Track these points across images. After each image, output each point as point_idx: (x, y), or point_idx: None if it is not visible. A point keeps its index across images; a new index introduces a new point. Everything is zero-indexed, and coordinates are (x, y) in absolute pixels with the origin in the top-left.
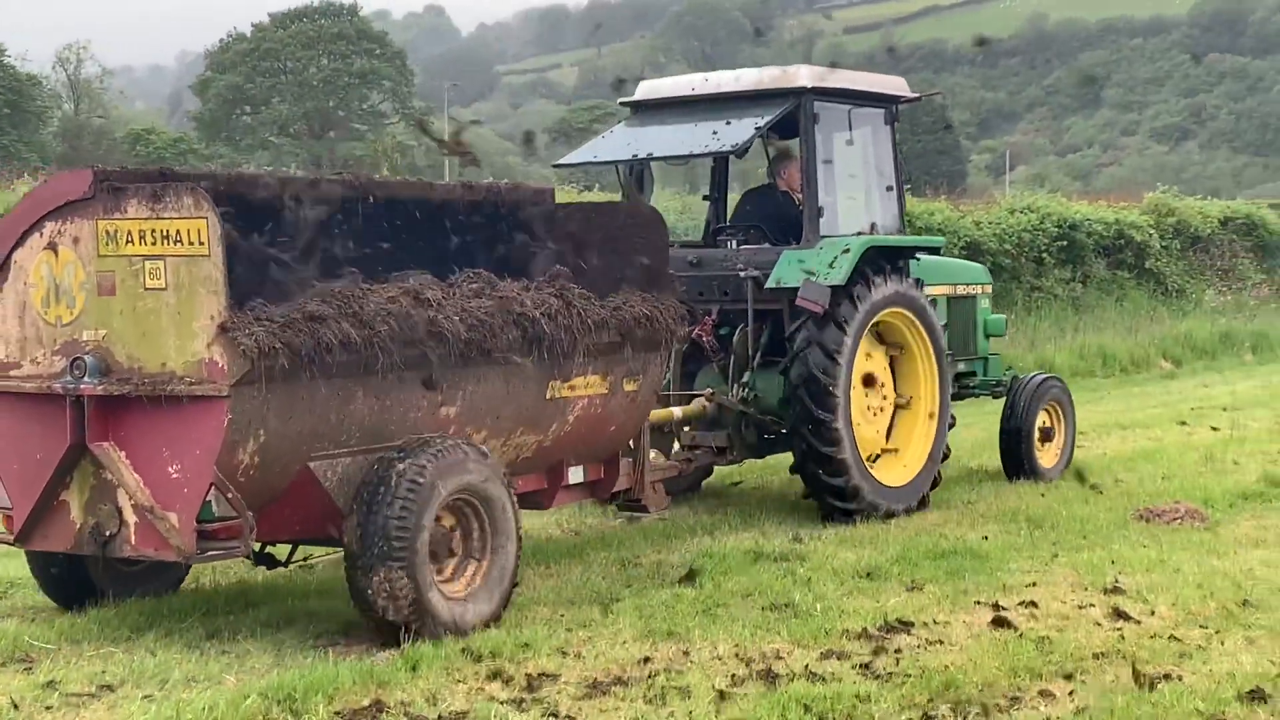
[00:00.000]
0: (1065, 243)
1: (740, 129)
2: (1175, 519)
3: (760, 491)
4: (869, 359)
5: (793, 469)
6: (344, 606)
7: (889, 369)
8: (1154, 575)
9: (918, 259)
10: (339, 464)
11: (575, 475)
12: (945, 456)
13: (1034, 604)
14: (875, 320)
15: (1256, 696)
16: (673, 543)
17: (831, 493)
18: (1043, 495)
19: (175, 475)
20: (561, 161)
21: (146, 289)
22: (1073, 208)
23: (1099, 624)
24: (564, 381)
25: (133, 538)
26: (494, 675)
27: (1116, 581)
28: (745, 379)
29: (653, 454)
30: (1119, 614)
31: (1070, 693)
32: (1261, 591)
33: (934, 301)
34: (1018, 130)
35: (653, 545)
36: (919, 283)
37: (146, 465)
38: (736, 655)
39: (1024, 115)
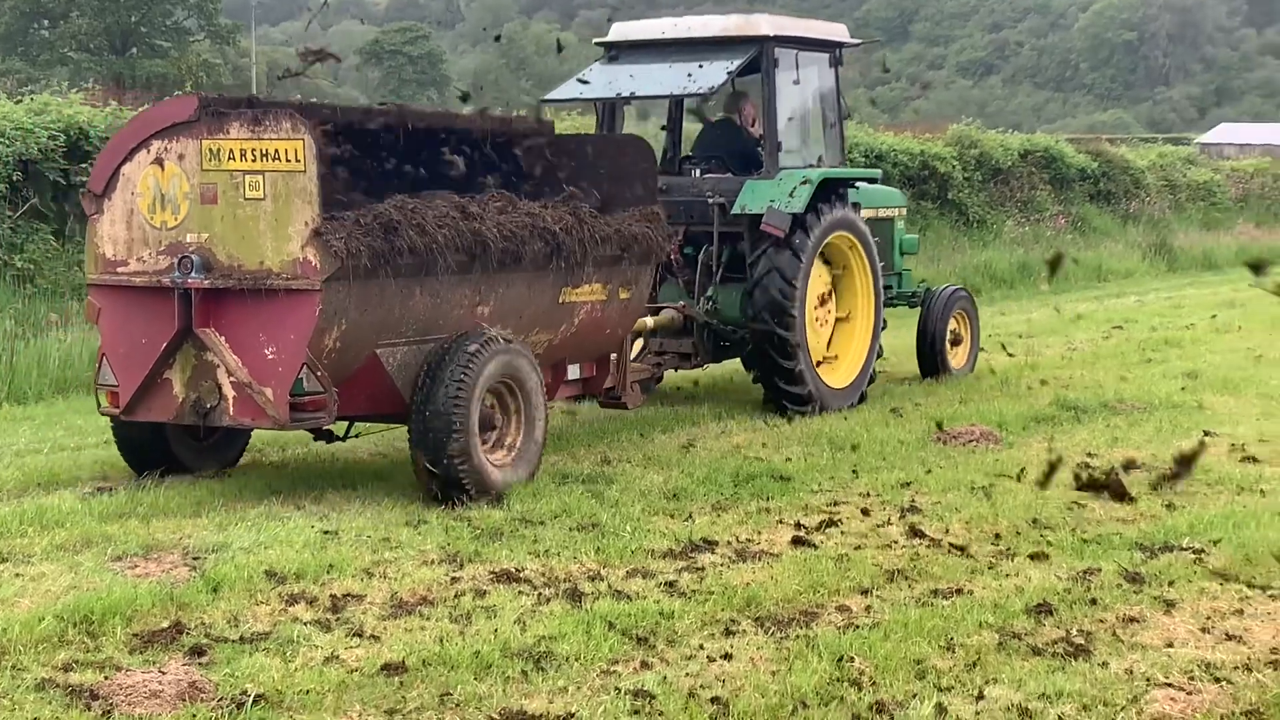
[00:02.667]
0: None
1: (713, 72)
2: (971, 441)
3: (569, 416)
4: (818, 279)
5: (755, 378)
6: (142, 528)
7: (832, 285)
8: (949, 495)
9: (856, 187)
10: (399, 351)
11: (573, 372)
12: (880, 355)
13: (834, 523)
14: (824, 243)
15: (1043, 610)
16: None
17: (789, 398)
18: (845, 418)
19: (271, 356)
20: (549, 97)
21: (246, 199)
22: (879, 138)
23: (895, 542)
24: (574, 288)
25: (231, 409)
26: (297, 597)
27: (913, 501)
28: (710, 294)
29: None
30: (915, 532)
31: (866, 607)
32: (1050, 510)
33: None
34: None
35: None
36: (857, 207)
37: (245, 348)
38: (543, 575)
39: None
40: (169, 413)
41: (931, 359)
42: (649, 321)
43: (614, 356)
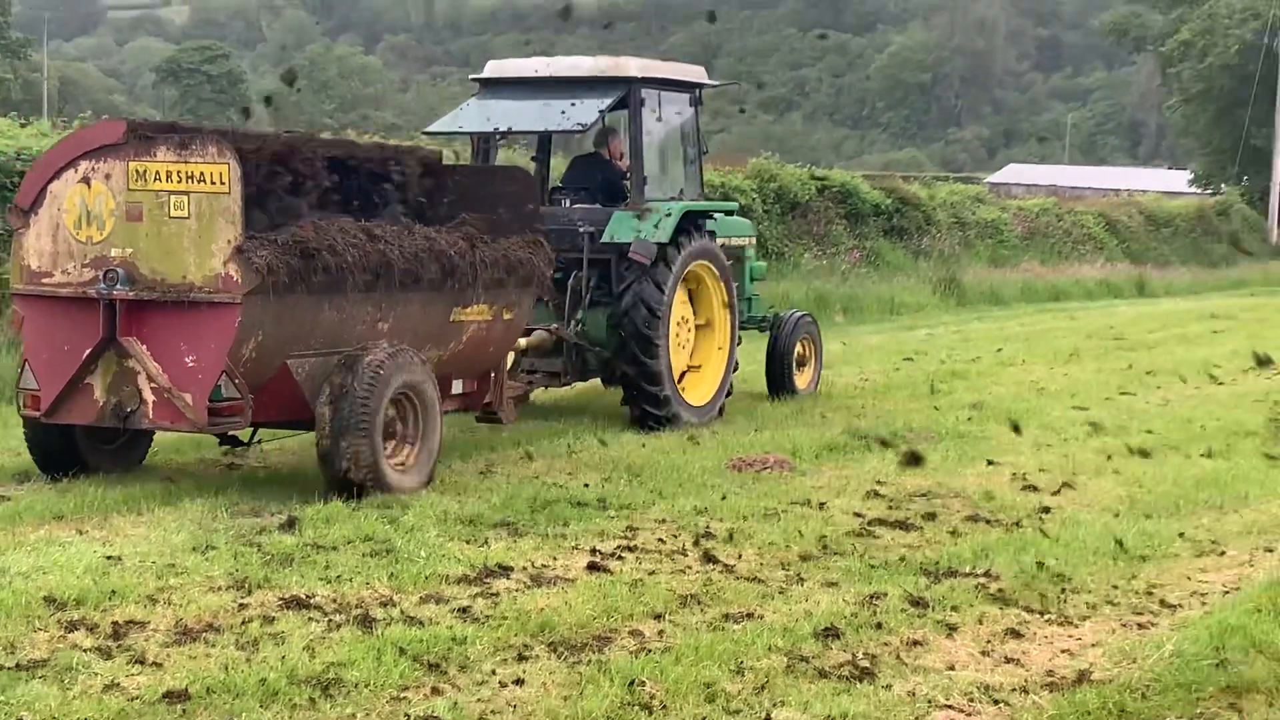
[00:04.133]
0: None
1: (586, 110)
2: (765, 468)
3: None
4: (680, 304)
5: (623, 400)
6: None
7: (691, 308)
8: (742, 522)
9: (715, 218)
10: (307, 362)
11: (457, 387)
12: (735, 368)
13: (630, 549)
14: (685, 271)
15: (830, 633)
16: (274, 489)
17: (654, 418)
18: (643, 446)
19: (191, 364)
20: (430, 129)
21: (171, 217)
22: None
23: (690, 568)
24: (464, 308)
25: (151, 413)
26: (77, 624)
27: (708, 528)
28: (579, 316)
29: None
30: (708, 558)
31: (659, 632)
32: (839, 536)
33: None
34: None
35: (253, 493)
36: (714, 235)
37: (166, 356)
38: (334, 601)
39: None
40: (89, 416)
41: (780, 379)
42: (521, 342)
43: (494, 374)
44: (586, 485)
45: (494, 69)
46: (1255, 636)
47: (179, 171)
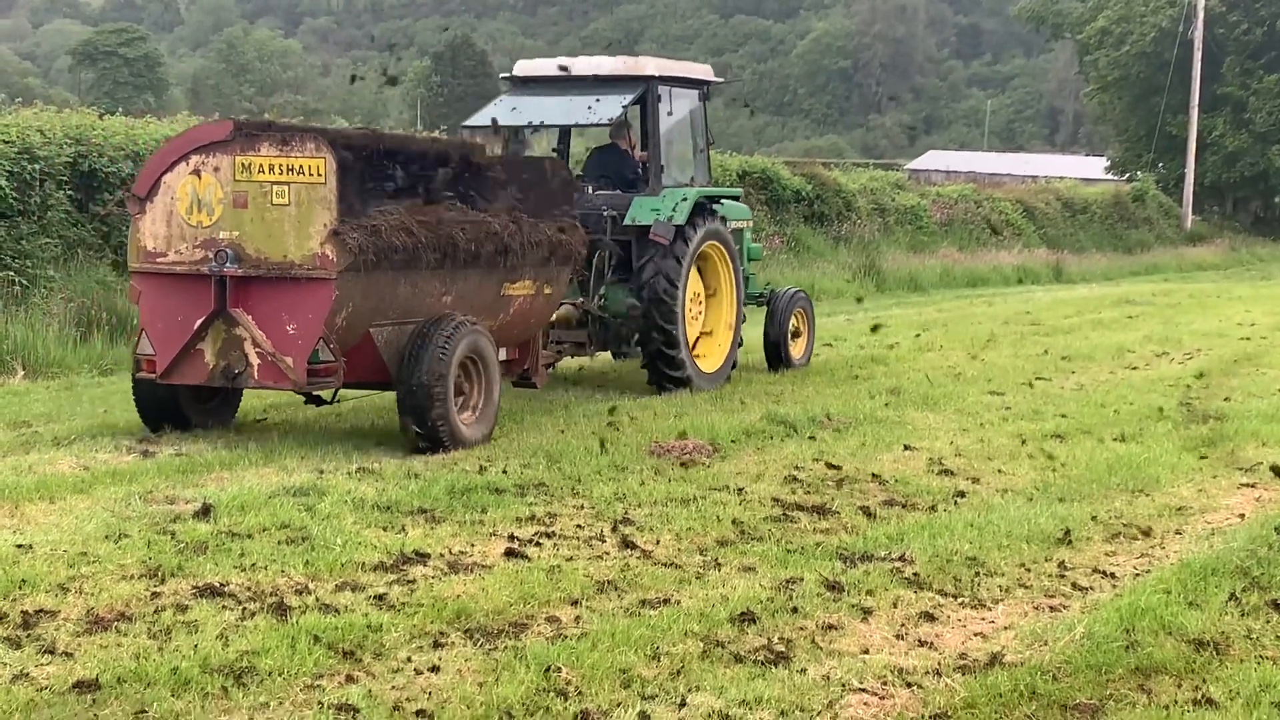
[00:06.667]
0: None
1: (610, 105)
2: (685, 454)
3: (285, 426)
4: (693, 281)
5: (641, 364)
6: None
7: (702, 284)
8: (661, 508)
9: (722, 203)
10: (385, 330)
11: (501, 354)
12: (740, 344)
13: (548, 535)
14: (699, 251)
15: (746, 618)
16: (189, 477)
17: (671, 380)
18: (562, 433)
19: (292, 331)
20: (468, 123)
21: (273, 204)
22: None
23: (608, 554)
24: (512, 283)
25: (256, 374)
26: None
27: (626, 514)
28: (602, 292)
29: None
30: (627, 544)
31: (576, 618)
32: (757, 521)
33: None
34: None
35: (167, 480)
36: (724, 220)
37: (270, 324)
38: (248, 589)
39: None
40: (200, 377)
41: (776, 351)
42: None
43: (531, 343)
44: (505, 472)
45: (523, 68)
46: (1165, 618)
47: (281, 164)
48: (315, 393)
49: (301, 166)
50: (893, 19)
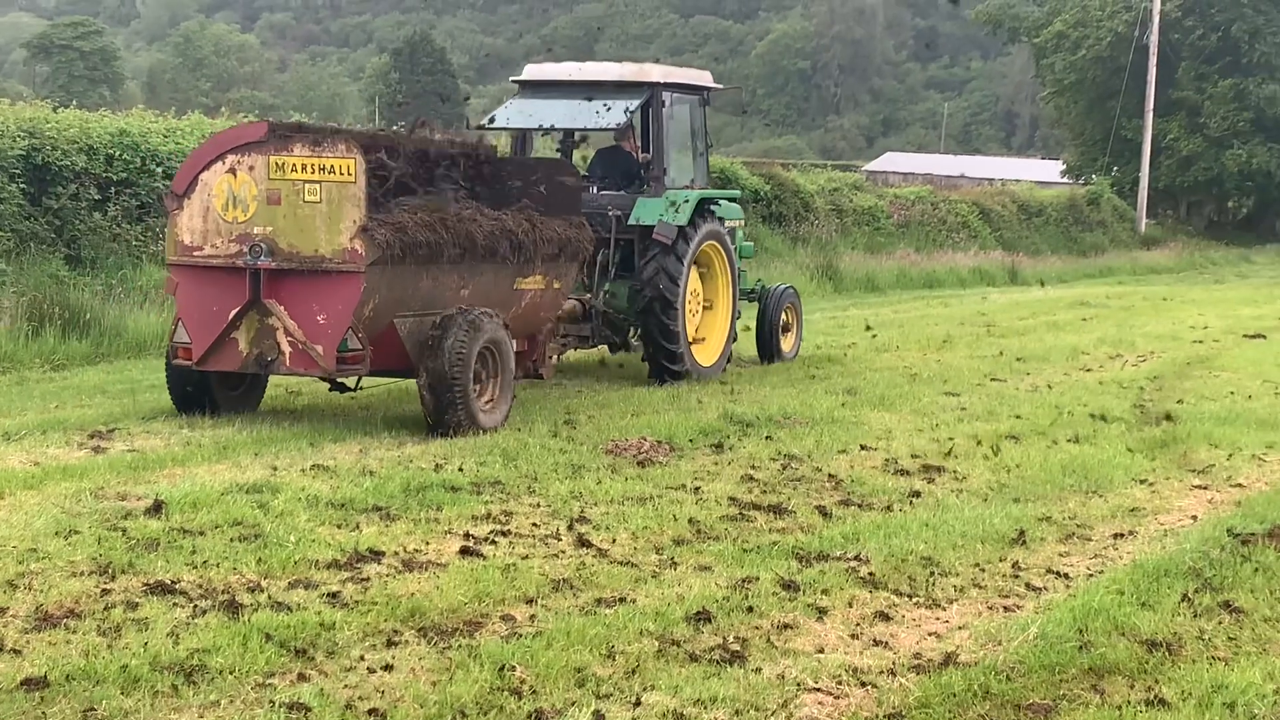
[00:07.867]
0: None
1: (617, 110)
2: (641, 453)
3: (235, 423)
4: (692, 278)
5: (642, 357)
6: None
7: (700, 283)
8: (617, 506)
9: (720, 204)
10: (408, 321)
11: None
12: (734, 339)
13: (504, 533)
14: (699, 250)
15: (702, 617)
16: (141, 473)
17: (670, 373)
18: (519, 430)
19: (322, 321)
20: (481, 124)
21: (305, 201)
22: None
23: (563, 552)
24: (524, 278)
25: (288, 361)
26: None
27: (583, 512)
28: (606, 288)
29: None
30: (583, 542)
31: (531, 616)
32: (712, 520)
33: None
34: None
35: (119, 476)
36: (722, 220)
37: (301, 314)
38: (200, 586)
39: (521, 62)
40: (234, 364)
41: (768, 344)
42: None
43: (539, 336)
44: (461, 469)
45: (532, 72)
46: (1117, 619)
47: (313, 164)
48: (340, 380)
49: (333, 166)
50: (851, 21)
